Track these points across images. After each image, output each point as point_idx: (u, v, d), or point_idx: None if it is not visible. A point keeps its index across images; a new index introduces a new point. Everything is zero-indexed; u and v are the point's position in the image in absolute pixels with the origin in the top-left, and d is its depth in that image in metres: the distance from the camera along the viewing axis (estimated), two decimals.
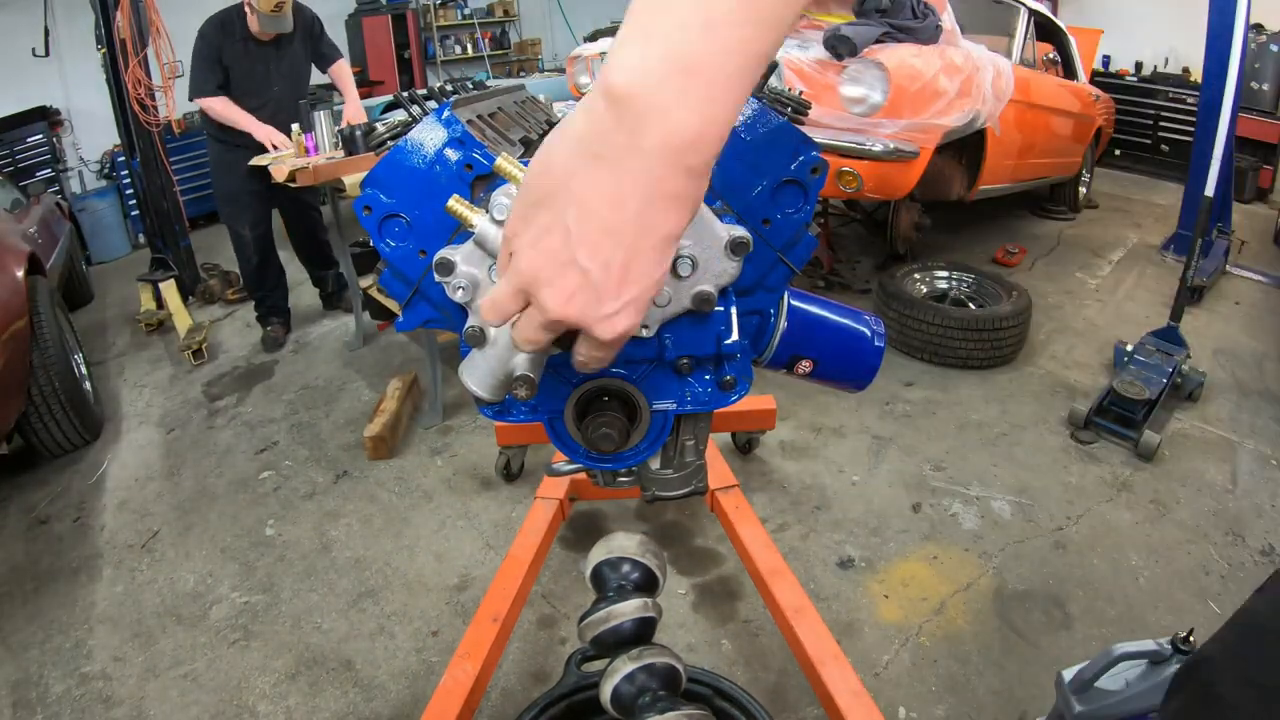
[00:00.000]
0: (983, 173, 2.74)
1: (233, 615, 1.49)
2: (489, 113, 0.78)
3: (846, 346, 0.67)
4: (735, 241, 0.49)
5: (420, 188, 0.57)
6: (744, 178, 0.58)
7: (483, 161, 0.57)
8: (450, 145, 0.57)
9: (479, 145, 0.57)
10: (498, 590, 1.13)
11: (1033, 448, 1.91)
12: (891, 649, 1.31)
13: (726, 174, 0.57)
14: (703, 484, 0.69)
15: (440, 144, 0.57)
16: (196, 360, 2.78)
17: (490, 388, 0.49)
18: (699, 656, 1.31)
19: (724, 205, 0.57)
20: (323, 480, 1.94)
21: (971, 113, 2.32)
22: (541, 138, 0.92)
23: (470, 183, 0.57)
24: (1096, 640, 1.31)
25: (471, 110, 0.71)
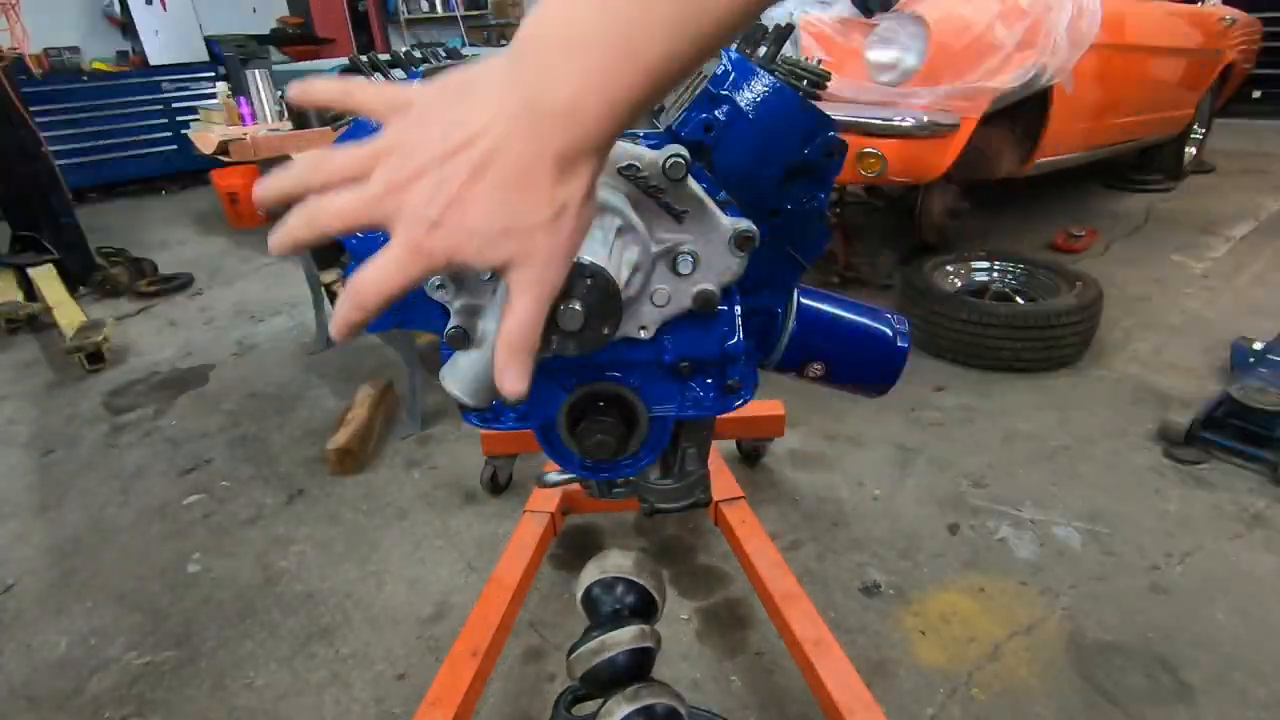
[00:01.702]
0: (1043, 142, 2.79)
1: (124, 684, 1.45)
2: None
3: (864, 348, 0.74)
4: (740, 235, 0.54)
5: None
6: (750, 163, 0.63)
7: None
8: None
9: None
10: (478, 619, 1.21)
11: (1107, 466, 1.96)
12: (936, 700, 1.35)
13: (731, 159, 0.62)
14: (705, 495, 0.76)
15: None
16: (93, 365, 2.79)
17: (475, 393, 0.56)
18: (705, 695, 1.37)
19: (728, 195, 0.64)
20: (272, 502, 2.00)
21: (1034, 69, 2.36)
22: None
23: None
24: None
25: None
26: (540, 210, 0.38)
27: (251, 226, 4.86)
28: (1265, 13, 4.58)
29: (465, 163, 0.37)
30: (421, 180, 0.37)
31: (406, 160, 0.38)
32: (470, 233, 0.37)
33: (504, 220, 0.37)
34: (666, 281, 0.56)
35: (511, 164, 0.37)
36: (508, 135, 0.37)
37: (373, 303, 0.39)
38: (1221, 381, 2.26)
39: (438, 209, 0.37)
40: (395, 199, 0.38)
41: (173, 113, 5.91)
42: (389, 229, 0.39)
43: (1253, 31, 4.46)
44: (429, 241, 0.37)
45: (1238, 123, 5.27)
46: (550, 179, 0.37)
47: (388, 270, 0.39)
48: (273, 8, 7.06)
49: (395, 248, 0.38)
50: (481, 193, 0.37)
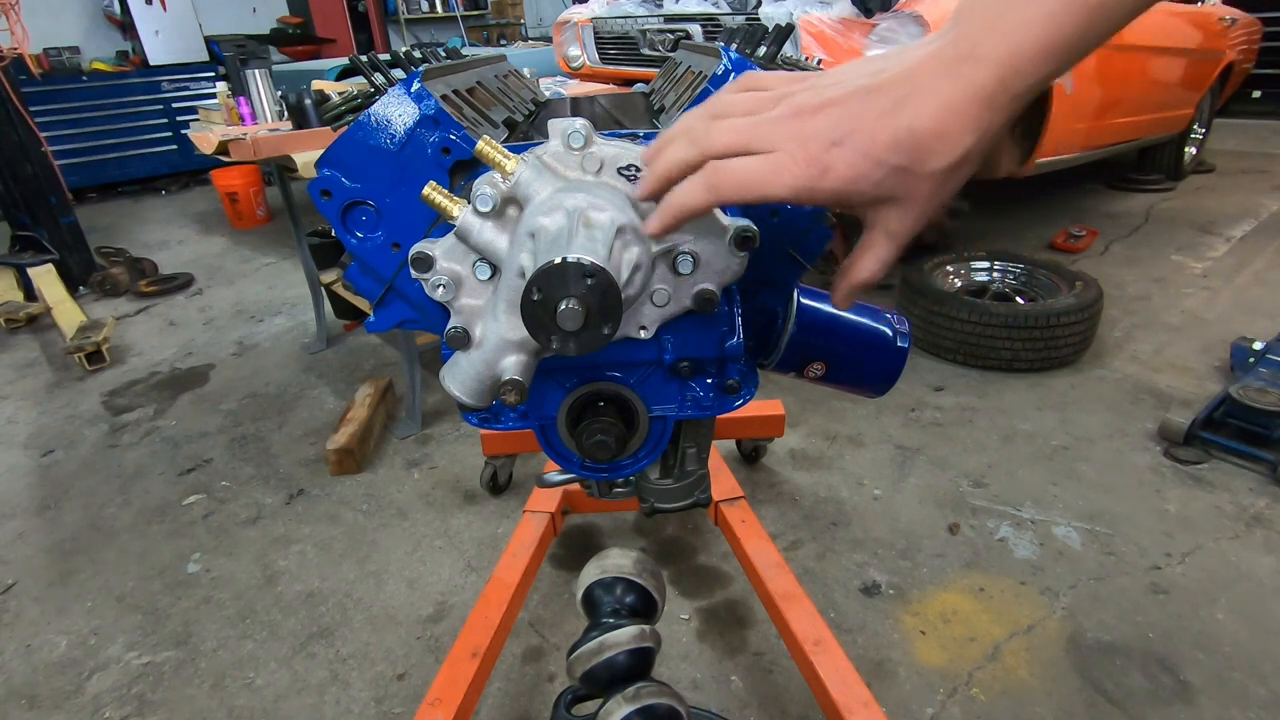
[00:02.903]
0: (1043, 142, 2.80)
1: (124, 684, 1.46)
2: (466, 88, 0.86)
3: (864, 348, 0.75)
4: (740, 235, 0.54)
5: (390, 172, 0.61)
6: None
7: (462, 145, 0.61)
8: (423, 124, 0.61)
9: (457, 126, 0.62)
10: (478, 619, 1.21)
11: (1107, 466, 1.97)
12: (936, 700, 1.35)
13: None
14: (705, 495, 0.76)
15: (411, 122, 0.61)
16: (93, 365, 2.81)
17: (476, 393, 0.56)
18: (705, 695, 1.38)
19: None
20: (271, 502, 2.01)
21: None
22: (526, 119, 1.00)
23: (449, 169, 0.62)
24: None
25: (445, 84, 0.76)
26: (947, 154, 0.37)
27: (251, 226, 4.87)
28: (1265, 13, 4.60)
29: (887, 99, 0.37)
30: (833, 108, 0.37)
31: (820, 96, 0.38)
32: (874, 161, 0.37)
33: (908, 157, 0.37)
34: (666, 281, 0.57)
35: (935, 103, 0.36)
36: (937, 76, 0.36)
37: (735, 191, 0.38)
38: (1221, 381, 2.27)
39: (844, 131, 0.37)
40: (795, 122, 0.38)
41: (173, 113, 5.92)
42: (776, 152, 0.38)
43: (1253, 31, 4.48)
44: (826, 156, 0.37)
45: (1238, 123, 5.29)
46: (968, 124, 0.37)
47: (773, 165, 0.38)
48: (273, 8, 7.06)
49: (786, 154, 0.37)
50: (896, 125, 0.36)
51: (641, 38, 3.34)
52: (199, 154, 2.48)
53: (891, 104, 0.37)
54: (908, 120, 0.37)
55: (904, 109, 0.37)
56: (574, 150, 0.52)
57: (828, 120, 0.37)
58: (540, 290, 0.45)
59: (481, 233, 0.54)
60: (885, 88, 0.37)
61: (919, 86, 0.37)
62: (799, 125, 0.38)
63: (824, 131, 0.37)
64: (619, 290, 0.47)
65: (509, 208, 0.54)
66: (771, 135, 0.38)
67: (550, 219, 0.50)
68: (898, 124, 0.37)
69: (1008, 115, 0.38)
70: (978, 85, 0.36)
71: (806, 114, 0.38)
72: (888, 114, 0.37)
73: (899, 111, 0.37)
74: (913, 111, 0.36)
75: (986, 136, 0.38)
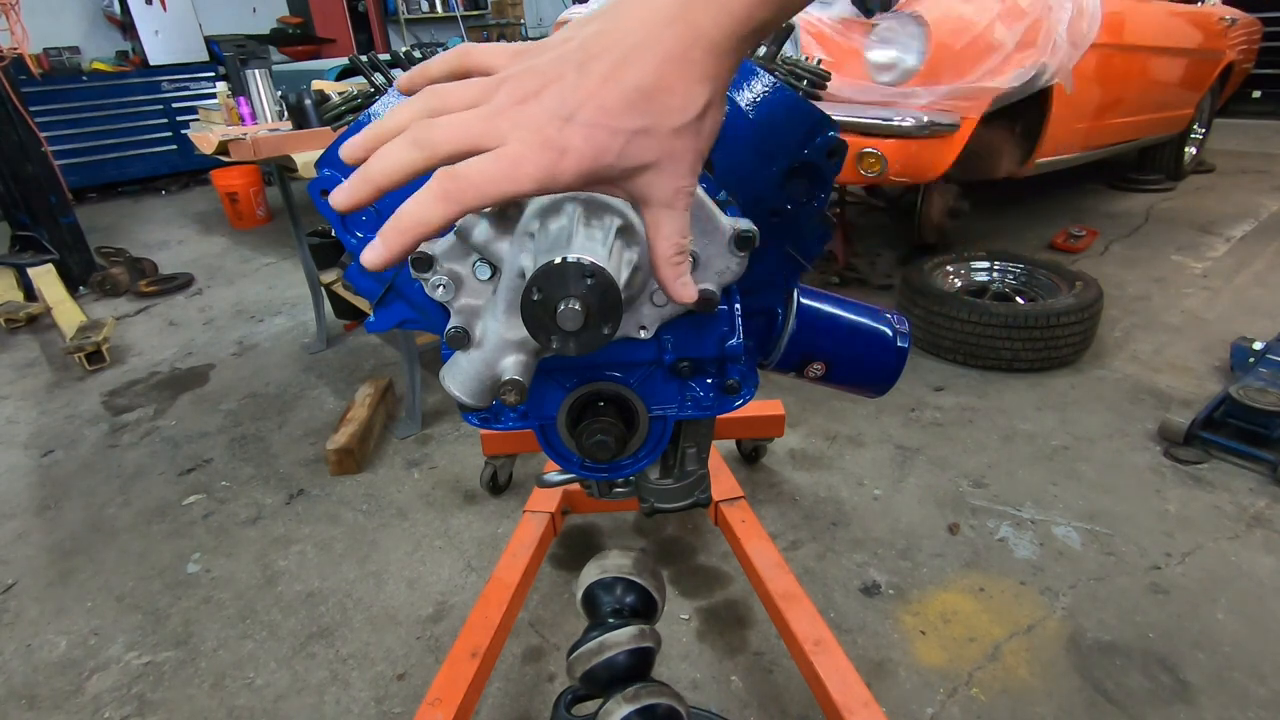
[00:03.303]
0: (1043, 142, 2.80)
1: (124, 684, 1.46)
2: None
3: (864, 347, 0.75)
4: (740, 235, 0.54)
5: None
6: (751, 163, 0.63)
7: None
8: None
9: None
10: (478, 619, 1.21)
11: (1107, 466, 1.97)
12: (936, 700, 1.35)
13: (731, 159, 0.62)
14: (705, 495, 0.76)
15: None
16: (93, 365, 2.81)
17: (475, 393, 0.56)
18: (705, 695, 1.38)
19: (728, 195, 0.64)
20: (271, 502, 2.01)
21: (1035, 68, 2.38)
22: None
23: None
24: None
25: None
26: (686, 108, 0.35)
27: (251, 226, 4.87)
28: (1265, 13, 4.60)
29: (606, 62, 0.34)
30: (555, 85, 0.35)
31: (538, 75, 0.35)
32: (610, 130, 0.34)
33: (646, 117, 0.35)
34: None
35: (659, 56, 0.34)
36: (655, 28, 0.34)
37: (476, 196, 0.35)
38: (1221, 381, 2.27)
39: (571, 105, 0.34)
40: (522, 108, 0.35)
41: (173, 113, 5.92)
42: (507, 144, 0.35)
43: (1253, 31, 4.48)
44: (560, 137, 0.34)
45: (1238, 123, 5.29)
46: (698, 72, 0.35)
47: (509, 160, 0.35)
48: (273, 8, 7.06)
49: (519, 143, 0.34)
50: (623, 87, 0.34)
51: None
52: (199, 154, 2.49)
53: (611, 66, 0.34)
54: (633, 79, 0.34)
55: (627, 69, 0.34)
56: None
57: (553, 98, 0.35)
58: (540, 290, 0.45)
59: (481, 232, 0.54)
60: (603, 52, 0.35)
61: (637, 43, 0.34)
62: (525, 111, 0.35)
63: (552, 111, 0.34)
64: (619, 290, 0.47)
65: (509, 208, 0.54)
66: (499, 126, 0.35)
67: (550, 219, 0.50)
68: (624, 85, 0.34)
69: (734, 61, 0.36)
70: (699, 30, 0.34)
71: (530, 97, 0.35)
72: (611, 77, 0.34)
73: (622, 72, 0.34)
74: (637, 70, 0.34)
75: (720, 83, 0.36)
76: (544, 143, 0.34)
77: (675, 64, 0.35)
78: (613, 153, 0.35)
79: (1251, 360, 2.16)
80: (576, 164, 0.35)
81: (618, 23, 0.35)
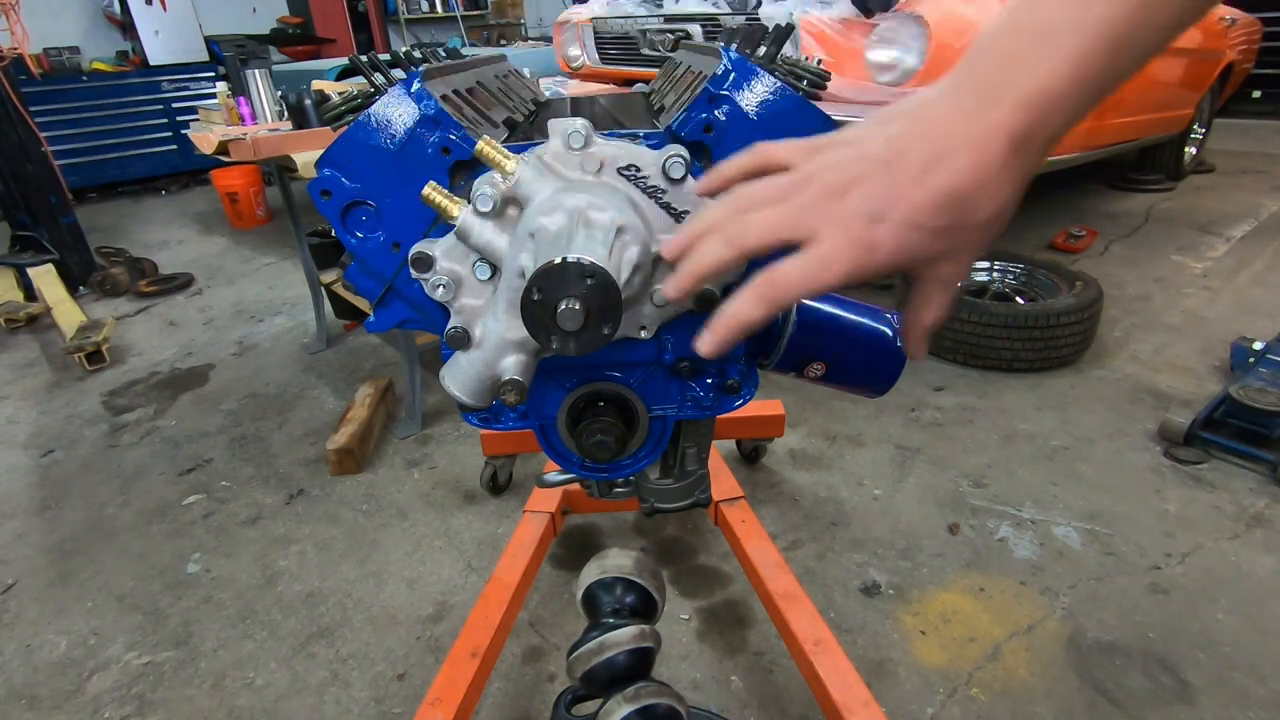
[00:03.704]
0: None
1: (124, 684, 1.46)
2: (466, 88, 0.86)
3: (864, 347, 0.75)
4: None
5: (390, 172, 0.61)
6: None
7: (463, 145, 0.61)
8: (423, 124, 0.61)
9: (457, 126, 0.62)
10: (478, 619, 1.22)
11: (1107, 466, 1.97)
12: (936, 700, 1.35)
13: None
14: (705, 495, 0.76)
15: (411, 122, 0.61)
16: (93, 365, 2.81)
17: (476, 393, 0.56)
18: (705, 695, 1.38)
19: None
20: (271, 502, 2.01)
21: None
22: (526, 119, 1.00)
23: (449, 169, 0.62)
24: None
25: (446, 84, 0.76)
26: (990, 206, 0.36)
27: (251, 226, 4.87)
28: (1265, 13, 4.60)
29: (915, 162, 0.35)
30: (864, 184, 0.36)
31: (842, 170, 0.37)
32: (919, 229, 0.36)
33: (954, 216, 0.36)
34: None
35: (967, 159, 0.35)
36: (964, 129, 0.35)
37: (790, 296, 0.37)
38: (1221, 381, 2.27)
39: (881, 205, 0.36)
40: (829, 206, 0.36)
41: (173, 113, 5.92)
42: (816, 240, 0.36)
43: (1253, 31, 4.48)
44: (870, 235, 0.36)
45: (1238, 123, 5.29)
46: (1005, 172, 0.36)
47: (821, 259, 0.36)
48: (273, 8, 7.07)
49: (830, 242, 0.36)
50: (933, 189, 0.35)
51: (641, 38, 3.34)
52: (199, 154, 2.49)
53: (922, 168, 0.36)
54: (945, 181, 0.35)
55: (938, 170, 0.35)
56: (574, 150, 0.52)
57: (862, 198, 0.36)
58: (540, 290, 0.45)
59: (481, 233, 0.54)
60: (910, 151, 0.36)
61: (947, 143, 0.35)
62: (833, 208, 0.36)
63: (862, 210, 0.36)
64: (619, 290, 0.47)
65: (509, 208, 0.54)
66: (808, 222, 0.37)
67: (550, 219, 0.50)
68: (936, 186, 0.35)
69: (1040, 156, 0.37)
70: (1007, 130, 0.35)
71: (836, 195, 0.37)
72: (920, 179, 0.35)
73: (933, 173, 0.35)
74: (948, 170, 0.35)
75: (1023, 180, 0.37)
76: (854, 241, 0.36)
77: (983, 165, 0.35)
78: (919, 248, 0.37)
79: (1251, 360, 2.16)
80: (884, 259, 0.36)
81: (922, 120, 0.37)
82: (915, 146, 0.36)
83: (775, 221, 0.37)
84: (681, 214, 0.54)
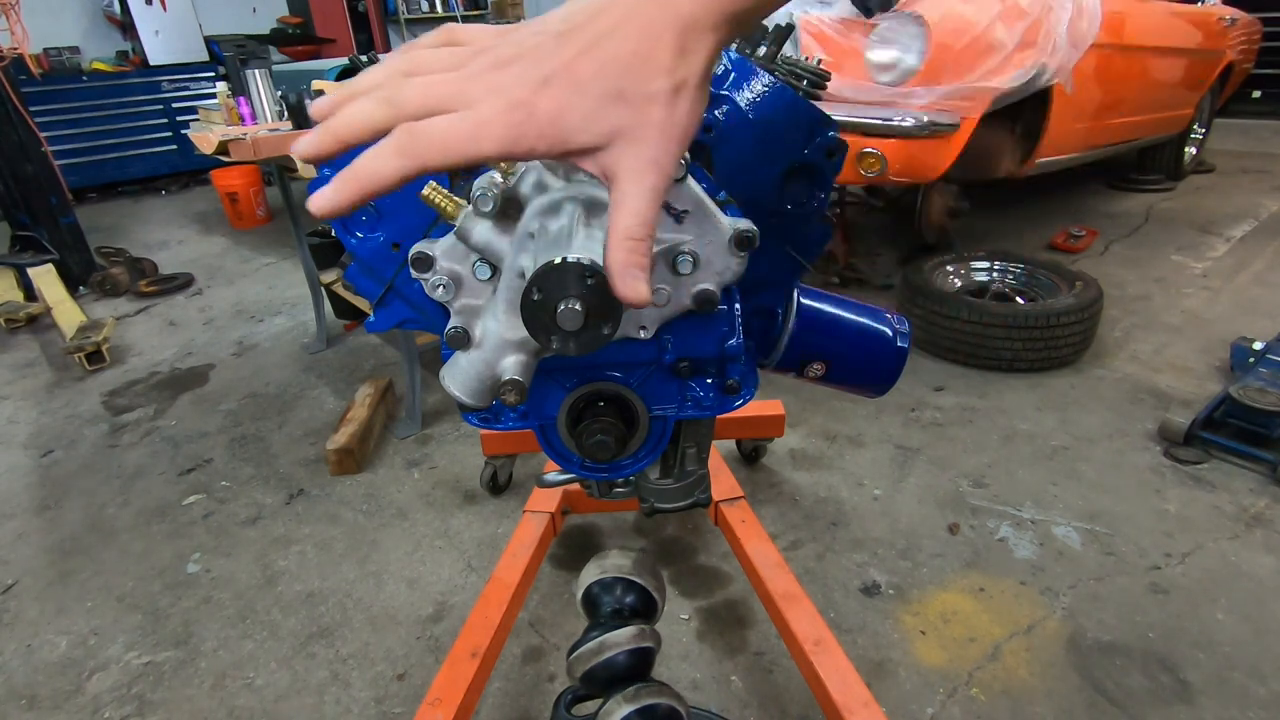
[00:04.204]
0: (1043, 142, 2.81)
1: (124, 683, 1.46)
2: None
3: (864, 348, 0.75)
4: (740, 236, 0.54)
5: None
6: (751, 163, 0.63)
7: None
8: None
9: None
10: (478, 619, 1.22)
11: (1107, 466, 1.97)
12: (936, 700, 1.36)
13: (731, 159, 0.63)
14: (705, 495, 0.76)
15: None
16: (93, 365, 2.81)
17: (475, 392, 0.56)
18: (705, 696, 1.38)
19: (728, 195, 0.64)
20: (271, 502, 2.01)
21: (1034, 68, 2.39)
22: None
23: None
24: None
25: None
26: (658, 79, 0.35)
27: (251, 226, 4.87)
28: (1265, 13, 4.61)
29: (586, 34, 0.35)
30: (532, 53, 0.35)
31: (517, 45, 0.36)
32: (580, 91, 0.34)
33: (618, 81, 0.35)
34: (666, 281, 0.57)
35: (634, 30, 0.35)
36: (634, 7, 0.35)
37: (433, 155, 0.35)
38: (1221, 381, 2.27)
39: (547, 69, 0.34)
40: (495, 74, 0.35)
41: (173, 113, 5.92)
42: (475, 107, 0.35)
43: (1253, 31, 4.49)
44: (534, 98, 0.34)
45: (1238, 123, 5.30)
46: (673, 47, 0.35)
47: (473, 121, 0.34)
48: (273, 8, 7.06)
49: (487, 107, 0.35)
50: (597, 57, 0.35)
51: None
52: (199, 154, 2.49)
53: (590, 39, 0.35)
54: (610, 49, 0.35)
55: (605, 41, 0.35)
56: None
57: (527, 64, 0.35)
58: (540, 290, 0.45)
59: (481, 233, 0.54)
60: (585, 24, 0.35)
61: (619, 19, 0.35)
62: (498, 76, 0.35)
63: (525, 76, 0.35)
64: None
65: (509, 208, 0.54)
66: (471, 90, 0.35)
67: (550, 219, 0.50)
68: (601, 55, 0.35)
69: (714, 42, 0.36)
70: (676, 10, 0.35)
71: (506, 63, 0.35)
72: (587, 49, 0.35)
73: (600, 45, 0.35)
74: (614, 41, 0.35)
75: (697, 63, 0.36)
76: (512, 105, 0.34)
77: (651, 38, 0.35)
78: (579, 113, 0.35)
79: (1251, 360, 2.17)
80: (542, 125, 0.34)
81: (597, 3, 0.36)
82: (591, 22, 0.35)
83: (436, 86, 0.36)
84: (682, 214, 0.54)
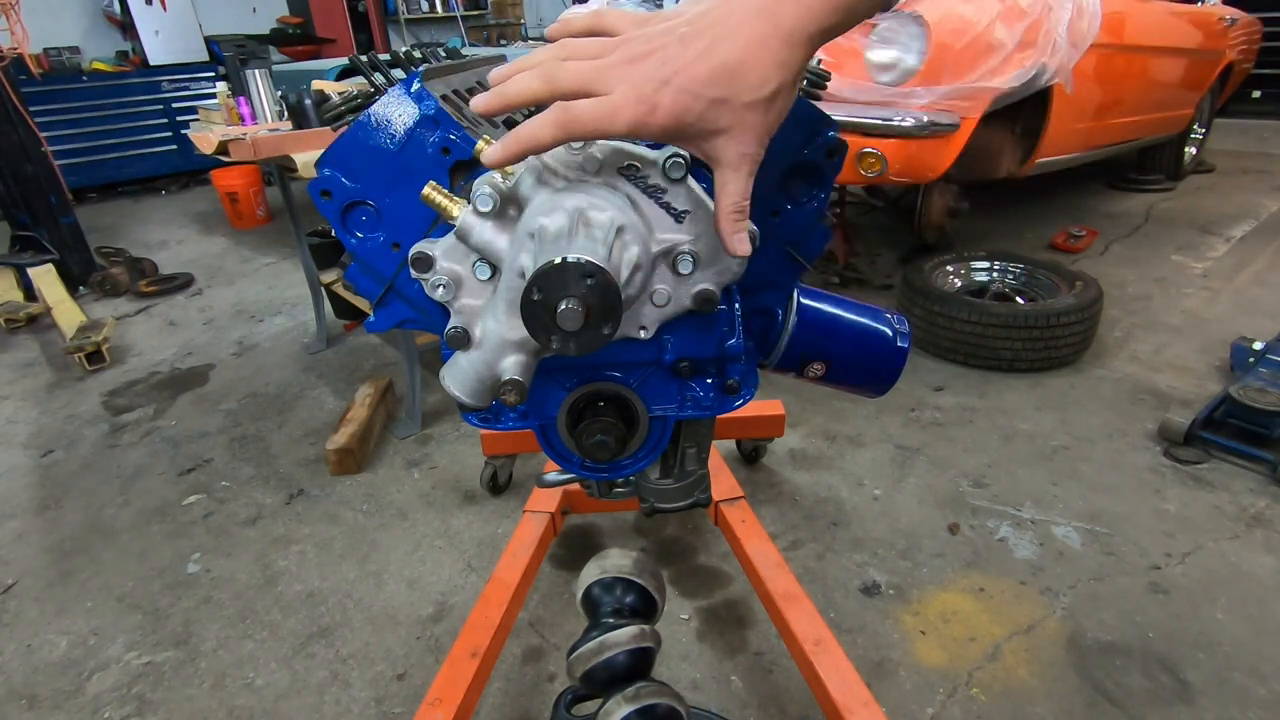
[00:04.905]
0: (1043, 142, 2.80)
1: (124, 683, 1.46)
2: (466, 88, 0.86)
3: (864, 347, 0.75)
4: None
5: (390, 172, 0.61)
6: None
7: (462, 145, 0.61)
8: (423, 124, 0.60)
9: (457, 126, 0.61)
10: (478, 619, 1.22)
11: (1107, 466, 1.97)
12: (936, 700, 1.36)
13: None
14: (705, 495, 0.76)
15: (411, 122, 0.60)
16: (93, 365, 2.81)
17: (476, 393, 0.56)
18: (705, 696, 1.38)
19: None
20: (271, 502, 2.01)
21: (1034, 68, 2.38)
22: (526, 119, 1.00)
23: (449, 169, 0.62)
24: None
25: (446, 84, 0.75)
26: (759, 86, 0.43)
27: (251, 226, 4.87)
28: (1265, 13, 4.61)
29: (703, 40, 0.43)
30: (659, 53, 0.43)
31: (647, 42, 0.44)
32: (694, 96, 0.42)
33: (726, 90, 0.42)
34: (666, 281, 0.57)
35: (743, 40, 0.42)
36: (746, 17, 0.42)
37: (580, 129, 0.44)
38: (1221, 381, 2.27)
39: (669, 70, 0.43)
40: (629, 68, 0.44)
41: (173, 113, 5.92)
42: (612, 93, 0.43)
43: (1253, 31, 4.49)
44: (656, 95, 0.43)
45: (1238, 123, 5.31)
46: (774, 58, 0.42)
47: (610, 106, 0.43)
48: (273, 8, 7.06)
49: (621, 95, 0.43)
50: (711, 63, 0.42)
51: None
52: (199, 154, 2.49)
53: (707, 45, 0.42)
54: (720, 57, 0.42)
55: (718, 48, 0.42)
56: (574, 150, 0.52)
57: (654, 64, 0.43)
58: (540, 290, 0.46)
59: (481, 233, 0.54)
60: (703, 31, 0.43)
61: (732, 28, 0.42)
62: (631, 70, 0.43)
63: (651, 75, 0.43)
64: (619, 290, 0.47)
65: (509, 208, 0.54)
66: (609, 78, 0.43)
67: (550, 219, 0.50)
68: (712, 61, 0.42)
69: (806, 53, 0.44)
70: (780, 23, 0.42)
71: (638, 59, 0.44)
72: (704, 54, 0.42)
73: (713, 51, 0.42)
74: (724, 49, 0.42)
75: (792, 71, 0.43)
76: (640, 98, 0.43)
77: (756, 48, 0.42)
78: (693, 114, 0.43)
79: (1251, 360, 2.17)
80: (663, 119, 0.43)
81: (718, 8, 0.43)
82: (708, 29, 0.43)
83: (585, 72, 0.44)
84: (682, 214, 0.54)
